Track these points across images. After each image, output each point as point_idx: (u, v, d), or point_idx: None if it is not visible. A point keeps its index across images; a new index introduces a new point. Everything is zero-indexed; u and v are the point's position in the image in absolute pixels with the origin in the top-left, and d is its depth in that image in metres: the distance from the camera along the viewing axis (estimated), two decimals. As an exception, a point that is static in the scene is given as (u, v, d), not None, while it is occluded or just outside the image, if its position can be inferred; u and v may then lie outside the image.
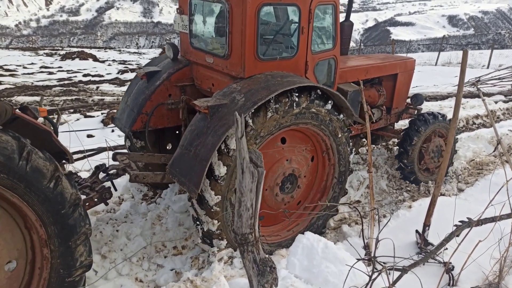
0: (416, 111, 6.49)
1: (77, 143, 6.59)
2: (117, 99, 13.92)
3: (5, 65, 23.67)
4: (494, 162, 7.07)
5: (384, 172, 6.57)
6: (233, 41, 4.20)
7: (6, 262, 2.82)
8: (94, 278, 4.00)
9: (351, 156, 4.82)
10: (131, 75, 20.82)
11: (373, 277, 3.04)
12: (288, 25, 4.78)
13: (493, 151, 7.52)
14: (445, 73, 19.24)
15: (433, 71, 20.04)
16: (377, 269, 3.06)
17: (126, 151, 5.71)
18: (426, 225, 4.33)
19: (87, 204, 3.96)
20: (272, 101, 3.88)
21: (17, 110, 2.84)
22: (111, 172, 4.50)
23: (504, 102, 11.66)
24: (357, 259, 3.55)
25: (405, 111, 6.61)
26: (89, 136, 8.40)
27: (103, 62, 28.06)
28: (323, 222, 4.90)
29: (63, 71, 22.72)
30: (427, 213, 4.31)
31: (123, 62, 28.72)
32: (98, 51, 38.30)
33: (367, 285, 3.10)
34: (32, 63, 25.63)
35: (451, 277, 3.83)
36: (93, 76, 21.02)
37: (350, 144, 4.76)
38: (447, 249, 3.89)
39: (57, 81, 18.74)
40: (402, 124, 7.47)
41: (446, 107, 10.70)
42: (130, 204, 5.35)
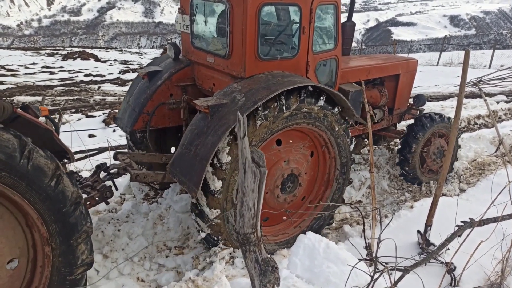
0: (418, 111, 6.48)
1: (79, 143, 6.59)
2: (119, 99, 13.94)
3: (7, 65, 23.72)
4: (496, 162, 7.06)
5: (386, 172, 6.57)
6: (234, 41, 4.19)
7: (8, 260, 2.83)
8: (95, 278, 4.01)
9: (352, 146, 4.75)
10: (133, 75, 20.83)
11: (374, 277, 3.03)
12: (289, 25, 4.78)
13: (495, 151, 7.50)
14: (446, 73, 19.21)
15: (434, 71, 20.02)
16: (378, 269, 3.06)
17: (127, 150, 5.72)
18: (428, 225, 4.32)
19: (88, 203, 3.97)
20: (260, 108, 3.82)
21: (18, 109, 2.83)
22: (112, 172, 4.50)
23: (506, 102, 11.64)
24: (358, 259, 3.54)
25: (407, 112, 6.59)
26: (90, 136, 8.41)
27: (104, 62, 28.08)
28: (329, 214, 4.84)
29: (64, 71, 22.76)
30: (428, 213, 4.30)
31: (124, 62, 28.76)
32: (99, 51, 38.33)
33: (368, 285, 3.10)
34: (34, 63, 25.67)
35: (453, 277, 3.83)
36: (94, 76, 21.05)
37: (349, 134, 4.67)
38: (449, 249, 3.88)
39: (58, 81, 18.77)
40: (404, 125, 7.45)
41: (448, 107, 10.68)
42: (132, 204, 5.36)
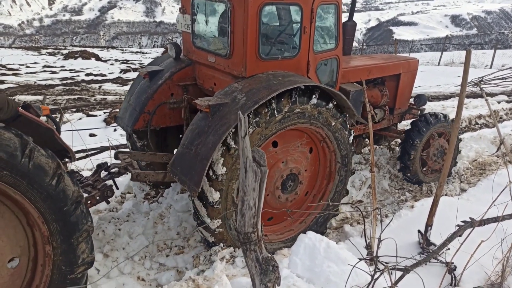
0: (419, 111, 6.48)
1: (80, 142, 6.59)
2: (120, 98, 13.94)
3: (8, 64, 23.73)
4: (497, 162, 7.04)
5: (386, 172, 6.57)
6: (235, 40, 4.19)
7: (9, 259, 2.83)
8: (96, 277, 4.01)
9: (351, 138, 4.71)
10: (134, 75, 20.83)
11: (375, 276, 3.04)
12: (290, 24, 4.78)
13: (496, 151, 7.49)
14: (447, 73, 19.18)
15: (435, 71, 19.98)
16: (379, 269, 3.06)
17: (128, 150, 5.72)
18: (428, 225, 4.32)
19: (89, 202, 3.97)
20: (251, 115, 3.80)
21: (20, 108, 2.84)
22: (113, 171, 4.51)
23: (507, 102, 11.63)
24: (359, 258, 3.54)
25: (408, 112, 6.59)
26: (91, 135, 8.42)
27: (105, 61, 28.08)
28: (334, 206, 4.84)
29: (65, 70, 22.75)
30: (429, 213, 4.30)
31: (125, 62, 28.75)
32: (100, 50, 38.33)
33: (369, 284, 3.10)
34: (35, 62, 25.66)
35: (453, 277, 3.82)
36: (95, 75, 21.04)
37: (348, 126, 4.64)
38: (449, 249, 3.88)
39: (59, 80, 18.77)
40: (404, 124, 7.45)
41: (449, 107, 10.67)
42: (132, 203, 5.37)
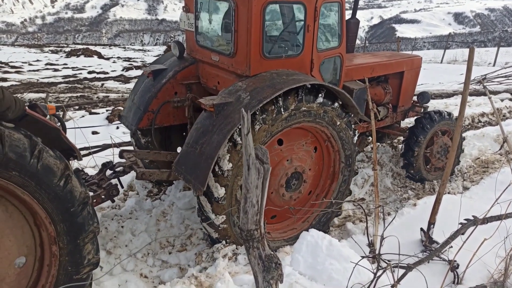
0: (422, 109, 6.47)
1: (82, 139, 6.63)
2: (122, 96, 13.95)
3: (11, 62, 23.79)
4: (500, 160, 7.04)
5: (389, 170, 6.57)
6: (238, 39, 4.20)
7: (15, 259, 2.85)
8: (99, 274, 4.03)
9: (355, 138, 4.72)
10: (136, 72, 20.85)
11: (377, 274, 3.04)
12: (294, 23, 4.77)
13: (499, 149, 7.48)
14: (450, 71, 19.11)
15: (438, 69, 19.92)
16: (381, 266, 3.07)
17: (132, 148, 5.74)
18: (431, 223, 4.32)
19: (95, 201, 4.00)
20: (257, 112, 3.81)
21: (26, 107, 2.86)
22: (118, 170, 4.53)
23: (510, 100, 11.59)
24: (361, 256, 3.55)
25: (411, 109, 6.58)
26: (94, 133, 8.42)
27: (108, 59, 28.10)
28: (337, 205, 4.84)
29: (68, 68, 22.76)
30: (432, 211, 4.30)
31: (128, 59, 28.75)
32: (103, 48, 38.33)
33: (371, 282, 3.11)
34: (38, 60, 25.69)
35: (456, 275, 3.83)
36: (98, 73, 21.05)
37: (352, 126, 4.64)
38: (452, 247, 3.88)
39: (62, 78, 18.79)
40: (407, 122, 7.45)
41: (452, 105, 10.65)
42: (135, 201, 5.39)
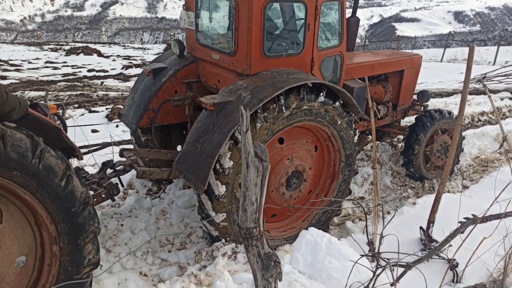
0: (422, 107, 6.48)
1: (82, 138, 6.62)
2: (122, 94, 13.92)
3: (10, 60, 23.74)
4: (500, 159, 7.05)
5: (389, 168, 6.58)
6: (239, 38, 4.19)
7: (16, 258, 2.85)
8: (98, 272, 4.03)
9: (356, 138, 4.72)
10: (136, 71, 20.81)
11: (377, 273, 3.05)
12: (294, 21, 4.77)
13: (499, 148, 7.50)
14: (450, 69, 19.11)
15: (438, 68, 19.91)
16: (381, 265, 3.07)
17: (132, 147, 5.74)
18: (431, 221, 4.33)
19: (95, 200, 3.99)
20: (259, 110, 3.82)
21: (29, 107, 2.85)
22: (118, 168, 4.53)
23: (510, 99, 11.60)
24: (361, 255, 3.53)
25: (411, 108, 6.58)
26: (93, 131, 8.41)
27: (107, 57, 28.03)
28: (337, 205, 4.84)
29: (67, 66, 22.70)
30: (431, 209, 4.31)
31: (127, 58, 28.68)
32: (102, 46, 38.20)
33: (370, 281, 3.11)
34: (37, 58, 25.61)
35: (455, 273, 3.84)
36: (97, 71, 21.00)
37: (353, 125, 4.64)
38: (451, 245, 3.90)
39: (62, 76, 18.75)
40: (407, 121, 7.45)
41: (452, 103, 10.66)
42: (135, 199, 5.40)
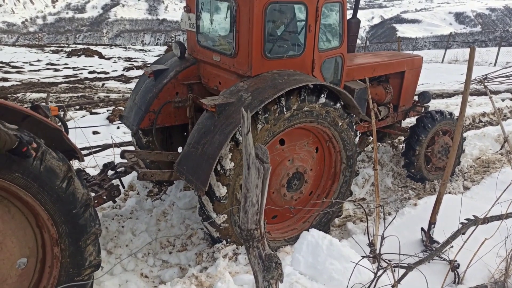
0: (423, 108, 6.48)
1: (83, 139, 6.63)
2: (123, 96, 13.94)
3: (11, 62, 23.80)
4: (501, 160, 7.04)
5: (390, 169, 6.57)
6: (240, 39, 4.20)
7: (17, 260, 2.85)
8: (99, 274, 4.03)
9: (357, 139, 4.72)
10: (137, 72, 20.84)
11: (378, 274, 3.05)
12: (295, 23, 4.78)
13: (500, 149, 7.49)
14: (451, 70, 19.09)
15: (439, 69, 19.89)
16: (382, 266, 3.07)
17: (132, 148, 5.75)
18: (432, 222, 4.32)
19: (96, 201, 3.99)
20: (260, 112, 3.82)
21: (28, 108, 2.86)
22: (119, 170, 4.53)
23: (511, 99, 11.58)
24: (362, 256, 3.54)
25: (412, 109, 6.58)
26: (94, 132, 8.42)
27: (108, 59, 28.09)
28: (338, 206, 4.83)
29: (69, 68, 22.75)
30: (432, 210, 4.30)
31: (128, 59, 28.74)
32: (103, 48, 38.32)
33: (372, 282, 3.11)
34: (39, 60, 25.69)
35: (456, 275, 3.83)
36: (98, 73, 21.04)
37: (354, 127, 4.64)
38: (452, 247, 3.89)
39: (63, 78, 18.78)
40: (408, 122, 7.45)
41: (453, 104, 10.65)
42: (136, 201, 5.40)
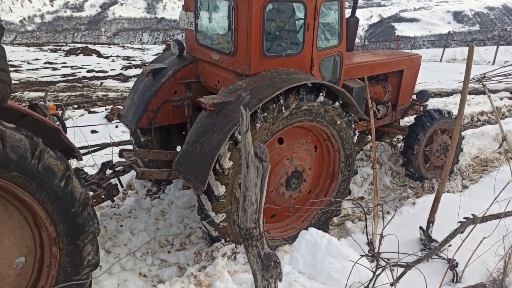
0: (422, 107, 6.48)
1: (81, 138, 6.63)
2: (121, 95, 13.92)
3: (9, 60, 23.62)
4: (499, 159, 7.05)
5: (388, 168, 6.58)
6: (238, 38, 4.20)
7: (15, 259, 2.84)
8: (98, 273, 4.02)
9: (355, 138, 4.72)
10: (135, 71, 20.81)
11: (376, 273, 3.05)
12: (294, 22, 4.77)
13: (498, 148, 7.50)
14: (450, 69, 19.10)
15: (438, 68, 19.91)
16: (380, 265, 3.07)
17: (131, 147, 5.74)
18: (430, 221, 4.33)
19: (94, 201, 3.99)
20: (258, 110, 3.82)
21: (26, 107, 2.85)
22: (118, 169, 4.52)
23: (510, 98, 11.62)
24: (360, 255, 3.53)
25: (410, 108, 6.59)
26: (93, 131, 8.40)
27: (107, 58, 28.04)
28: (336, 205, 4.85)
29: (67, 66, 22.71)
30: (431, 209, 4.31)
31: (127, 58, 28.69)
32: (102, 47, 38.22)
33: (370, 281, 3.11)
34: (37, 59, 25.62)
35: (455, 273, 3.84)
36: (97, 72, 21.01)
37: (352, 125, 4.64)
38: (451, 245, 3.90)
39: (61, 77, 18.76)
40: (407, 121, 7.45)
41: (451, 103, 10.66)
42: (134, 200, 5.39)
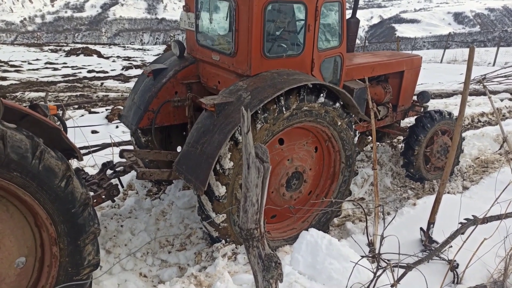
0: (422, 108, 6.48)
1: (82, 139, 6.63)
2: (122, 95, 13.92)
3: (10, 61, 23.74)
4: (500, 160, 7.05)
5: (389, 169, 6.58)
6: (239, 38, 4.20)
7: (16, 259, 2.85)
8: (98, 273, 4.02)
9: (356, 139, 4.72)
10: (136, 72, 20.83)
11: (377, 274, 3.05)
12: (295, 22, 4.78)
13: (499, 149, 7.50)
14: (450, 70, 19.13)
15: (438, 69, 19.93)
16: (381, 266, 3.07)
17: (131, 147, 5.74)
18: (431, 222, 4.33)
19: (95, 201, 3.98)
20: (259, 111, 3.82)
21: (27, 107, 2.85)
22: (118, 169, 4.52)
23: (510, 99, 11.62)
24: (361, 256, 3.55)
25: (411, 109, 6.59)
26: (93, 132, 8.41)
27: (107, 58, 28.06)
28: (337, 206, 4.85)
29: (67, 67, 22.72)
30: (431, 210, 4.31)
31: (127, 59, 28.71)
32: (102, 47, 38.24)
33: (371, 282, 3.11)
34: (37, 59, 25.64)
35: (455, 275, 3.83)
36: (97, 72, 21.02)
37: (353, 126, 4.64)
38: (451, 246, 3.89)
39: (61, 77, 18.76)
40: (407, 122, 7.45)
41: (452, 104, 10.67)
42: (135, 200, 5.39)
